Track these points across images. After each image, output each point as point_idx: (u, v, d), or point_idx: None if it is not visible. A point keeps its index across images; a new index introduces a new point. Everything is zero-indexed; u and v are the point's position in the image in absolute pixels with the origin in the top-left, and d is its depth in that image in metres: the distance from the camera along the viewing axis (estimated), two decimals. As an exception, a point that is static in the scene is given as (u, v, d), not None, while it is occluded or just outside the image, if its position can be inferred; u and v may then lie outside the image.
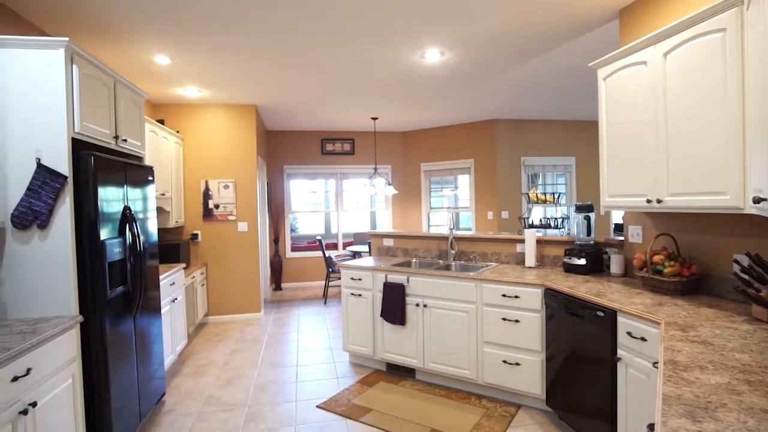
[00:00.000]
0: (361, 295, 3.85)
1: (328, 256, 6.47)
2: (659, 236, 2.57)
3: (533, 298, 2.92)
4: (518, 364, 3.00)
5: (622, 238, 3.11)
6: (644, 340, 1.98)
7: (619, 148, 2.60)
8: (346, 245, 7.88)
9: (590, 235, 3.17)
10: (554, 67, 4.28)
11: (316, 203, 8.04)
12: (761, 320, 1.84)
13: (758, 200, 1.64)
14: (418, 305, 3.49)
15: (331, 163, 7.76)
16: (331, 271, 6.38)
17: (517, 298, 2.99)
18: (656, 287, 2.45)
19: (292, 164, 7.62)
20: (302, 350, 4.38)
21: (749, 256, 1.90)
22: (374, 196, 8.03)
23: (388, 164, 7.95)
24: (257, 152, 5.73)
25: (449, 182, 7.65)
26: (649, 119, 2.34)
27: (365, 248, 6.57)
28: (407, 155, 7.95)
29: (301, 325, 5.30)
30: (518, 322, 2.99)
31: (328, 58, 3.85)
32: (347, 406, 3.14)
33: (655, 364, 1.89)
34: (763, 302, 1.82)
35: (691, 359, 1.42)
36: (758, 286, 1.88)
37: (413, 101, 5.62)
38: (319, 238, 6.64)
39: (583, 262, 3.08)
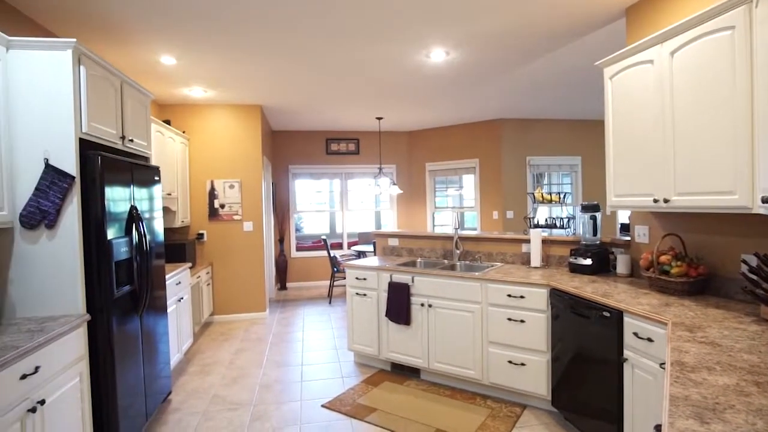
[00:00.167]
0: (366, 294, 3.85)
1: (332, 255, 6.48)
2: (666, 236, 2.55)
3: (539, 298, 2.91)
4: (524, 364, 2.99)
5: (628, 238, 3.09)
6: (651, 340, 1.97)
7: (625, 147, 2.58)
8: (350, 245, 7.89)
9: (596, 235, 3.15)
10: (560, 66, 4.26)
11: (320, 203, 8.05)
12: (770, 321, 1.82)
13: (767, 200, 1.62)
14: (423, 305, 3.49)
15: (335, 162, 7.77)
16: (336, 270, 6.39)
17: (522, 298, 2.98)
18: (663, 288, 2.43)
19: (297, 164, 7.64)
20: (307, 350, 4.39)
21: (758, 256, 1.88)
22: (379, 195, 8.03)
23: (392, 164, 7.95)
24: (262, 152, 5.75)
25: (454, 182, 7.63)
26: (655, 118, 2.32)
27: (370, 248, 6.57)
28: (412, 155, 7.94)
29: (306, 324, 5.31)
30: (524, 322, 2.98)
31: (333, 58, 3.86)
32: (352, 405, 3.14)
33: (661, 364, 1.88)
34: (771, 303, 1.80)
35: (698, 360, 1.41)
36: (767, 286, 1.86)
37: (418, 101, 5.62)
38: (324, 237, 6.65)
39: (589, 262, 3.07)
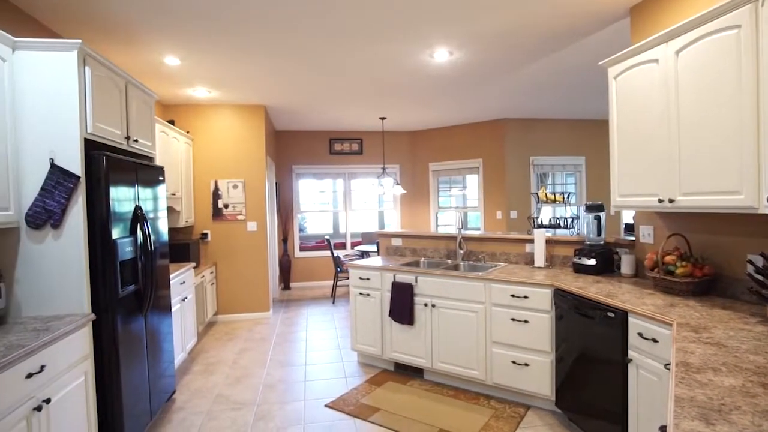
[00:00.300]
0: (369, 294, 3.85)
1: (336, 255, 6.49)
2: (671, 236, 2.53)
3: (543, 298, 2.90)
4: (527, 364, 2.98)
5: (632, 238, 3.07)
6: (656, 341, 1.96)
7: (630, 147, 2.57)
8: (354, 245, 7.89)
9: (600, 235, 3.14)
10: (563, 65, 4.25)
11: (324, 203, 8.06)
12: (776, 322, 1.81)
13: (773, 200, 1.61)
14: (426, 305, 3.49)
15: (339, 162, 7.78)
16: (339, 270, 6.40)
17: (526, 298, 2.97)
18: (668, 288, 2.42)
19: (300, 164, 7.65)
20: (311, 349, 4.40)
21: (764, 256, 1.87)
22: (382, 195, 8.03)
23: (396, 164, 7.95)
24: (266, 152, 5.76)
25: (458, 182, 7.62)
26: (660, 118, 2.31)
27: (373, 248, 6.57)
28: (415, 155, 7.94)
29: (309, 324, 5.32)
30: (527, 322, 2.97)
31: (336, 58, 3.86)
32: (355, 405, 3.14)
33: (666, 365, 1.87)
34: (778, 303, 1.79)
35: (703, 361, 1.40)
36: (773, 287, 1.85)
37: (422, 101, 5.61)
38: (327, 237, 6.65)
39: (593, 262, 3.05)
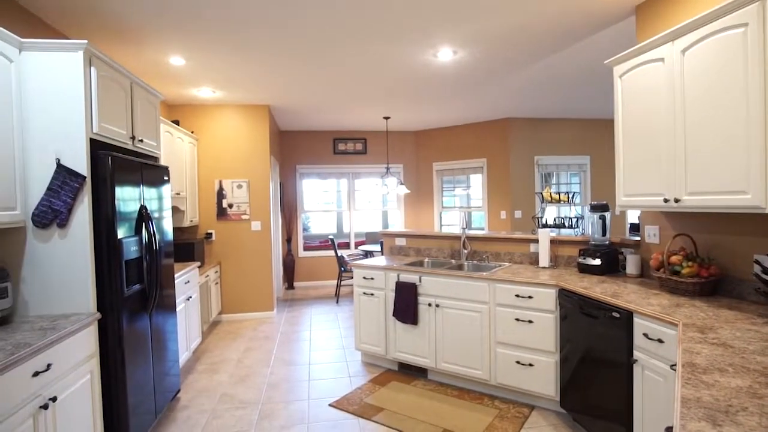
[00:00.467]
0: (373, 294, 3.85)
1: (340, 255, 6.49)
2: (677, 236, 2.52)
3: (547, 298, 2.89)
4: (532, 365, 2.98)
5: (638, 238, 3.06)
6: (661, 341, 1.95)
7: (635, 146, 2.56)
8: (358, 244, 7.89)
9: (605, 235, 3.13)
10: (568, 64, 4.23)
11: (328, 203, 8.07)
12: (783, 322, 1.80)
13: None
14: (430, 305, 3.48)
15: (343, 162, 7.78)
16: (343, 270, 6.40)
17: (530, 298, 2.96)
18: (674, 288, 2.40)
19: (304, 164, 7.66)
20: (314, 349, 4.40)
21: (771, 256, 1.85)
22: (386, 195, 8.03)
23: (400, 164, 7.95)
24: (270, 152, 5.77)
25: (462, 181, 7.61)
26: (666, 117, 2.30)
27: (377, 248, 6.58)
28: (419, 155, 7.93)
29: (313, 323, 5.33)
30: (532, 322, 2.96)
31: (340, 57, 3.86)
32: (359, 405, 3.15)
33: (672, 366, 1.86)
34: (785, 304, 1.78)
35: (710, 362, 1.39)
36: (780, 287, 1.83)
37: (426, 100, 5.61)
38: (331, 237, 6.66)
39: (598, 262, 3.04)
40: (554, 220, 3.78)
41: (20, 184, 2.11)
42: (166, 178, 3.16)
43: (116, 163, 2.36)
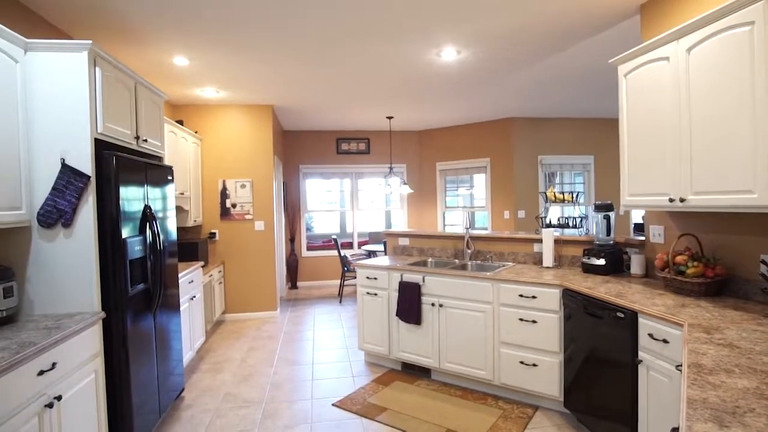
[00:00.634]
0: (376, 294, 3.85)
1: (343, 255, 6.49)
2: (682, 236, 2.50)
3: (551, 298, 2.88)
4: (535, 365, 2.97)
5: (642, 238, 3.04)
6: (666, 342, 1.94)
7: (640, 146, 2.54)
8: (361, 244, 7.90)
9: (610, 234, 3.11)
10: (572, 64, 4.21)
11: (331, 202, 8.08)
12: (790, 323, 1.78)
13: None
14: (433, 305, 3.48)
15: (346, 162, 7.79)
16: (346, 270, 6.40)
17: (534, 298, 2.95)
18: (679, 288, 2.39)
19: (307, 164, 7.67)
20: (318, 348, 4.40)
21: (778, 256, 1.84)
22: (389, 195, 8.03)
23: (403, 163, 7.94)
24: (273, 152, 5.78)
25: (465, 181, 7.60)
26: (672, 116, 2.28)
27: (380, 247, 6.57)
28: (423, 154, 7.92)
29: (316, 323, 5.33)
30: (536, 322, 2.95)
31: (344, 57, 3.86)
32: (363, 404, 3.14)
33: (677, 366, 1.85)
34: (792, 304, 1.76)
35: (716, 362, 1.38)
36: (787, 287, 1.82)
37: (429, 100, 5.60)
38: (334, 237, 6.66)
39: (602, 262, 3.03)
40: (558, 219, 3.77)
41: (25, 183, 2.12)
42: (170, 177, 3.17)
43: (121, 162, 2.37)
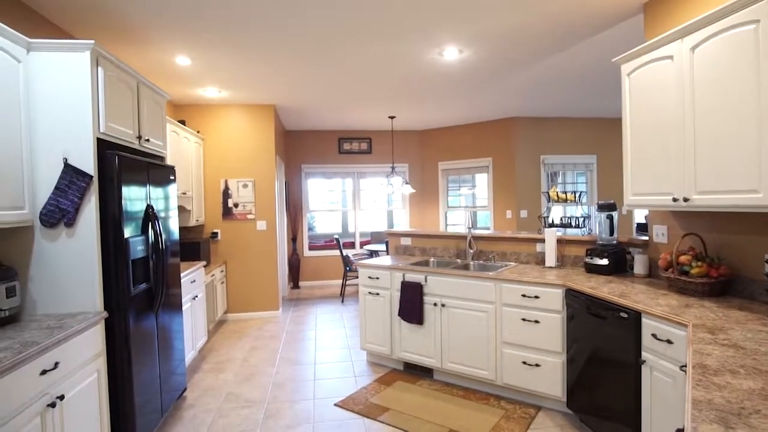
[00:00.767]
0: (378, 294, 3.84)
1: (345, 254, 6.49)
2: (686, 236, 2.49)
3: (554, 298, 2.87)
4: (538, 365, 2.96)
5: (645, 237, 3.03)
6: (670, 342, 1.93)
7: (643, 145, 2.53)
8: (363, 244, 7.89)
9: (613, 234, 3.10)
10: (575, 63, 4.20)
11: (333, 202, 8.08)
12: (795, 323, 1.77)
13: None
14: (436, 305, 3.47)
15: (348, 162, 7.78)
16: (348, 269, 6.40)
17: (537, 298, 2.94)
18: (682, 288, 2.38)
19: (309, 163, 7.67)
20: (320, 348, 4.40)
21: (783, 256, 1.83)
22: (391, 195, 8.03)
23: (405, 163, 7.93)
24: (275, 152, 5.78)
25: (467, 181, 7.59)
26: (675, 115, 2.27)
27: (382, 247, 6.57)
28: (425, 154, 7.91)
29: (318, 323, 5.33)
30: (538, 322, 2.94)
31: (340, 57, 3.86)
32: (365, 404, 3.14)
33: (682, 367, 1.84)
34: (797, 305, 1.75)
35: (721, 363, 1.37)
36: (792, 288, 1.81)
37: (431, 100, 5.59)
38: (336, 236, 6.66)
39: (605, 262, 3.02)
40: (561, 219, 3.75)
41: (28, 183, 2.12)
42: (172, 177, 3.17)
43: (123, 162, 2.37)
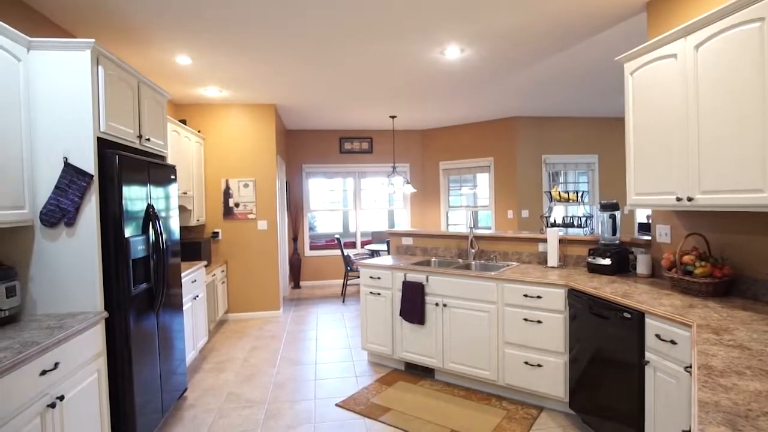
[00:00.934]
0: (379, 293, 3.83)
1: (346, 254, 6.48)
2: (689, 236, 2.48)
3: (556, 298, 2.86)
4: (540, 365, 2.94)
5: (648, 237, 3.02)
6: (674, 343, 1.91)
7: (647, 144, 2.51)
8: (364, 244, 7.88)
9: (615, 234, 3.09)
10: (577, 62, 4.18)
11: (334, 202, 8.07)
12: (801, 324, 1.75)
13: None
14: (437, 305, 3.46)
15: (349, 161, 7.77)
16: (349, 269, 6.39)
17: (539, 298, 2.93)
18: (686, 288, 2.36)
19: (310, 163, 7.66)
20: (321, 348, 4.39)
21: (788, 256, 1.81)
22: (392, 194, 8.01)
23: (406, 163, 7.92)
24: (276, 151, 5.77)
25: (468, 181, 7.57)
26: (679, 114, 2.26)
27: (383, 247, 6.56)
28: (426, 154, 7.90)
29: (319, 323, 5.32)
30: (540, 322, 2.93)
31: (341, 57, 3.84)
32: (366, 405, 3.13)
33: (686, 368, 1.82)
34: (803, 305, 1.74)
35: (727, 364, 1.36)
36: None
37: (432, 99, 5.58)
38: (337, 236, 6.65)
39: (608, 262, 3.00)
40: (563, 219, 3.74)
41: (28, 183, 2.11)
42: (173, 177, 3.16)
43: (124, 162, 2.36)
